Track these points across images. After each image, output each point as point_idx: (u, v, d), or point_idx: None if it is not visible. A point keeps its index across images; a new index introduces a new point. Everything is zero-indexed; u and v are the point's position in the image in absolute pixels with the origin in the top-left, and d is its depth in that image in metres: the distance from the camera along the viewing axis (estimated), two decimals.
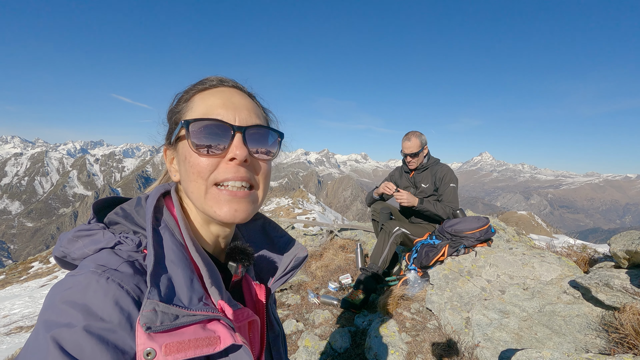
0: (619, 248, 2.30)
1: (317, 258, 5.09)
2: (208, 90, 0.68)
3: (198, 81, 0.70)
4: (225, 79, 0.71)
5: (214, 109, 0.64)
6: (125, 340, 0.49)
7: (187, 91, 0.70)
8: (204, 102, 0.66)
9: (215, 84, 0.69)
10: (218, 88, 0.68)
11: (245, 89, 0.73)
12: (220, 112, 0.64)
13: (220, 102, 0.65)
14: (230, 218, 0.63)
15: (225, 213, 0.62)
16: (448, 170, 3.47)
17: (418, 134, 3.48)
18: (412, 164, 3.57)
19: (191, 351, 0.52)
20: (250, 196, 0.65)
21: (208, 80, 0.69)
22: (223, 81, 0.70)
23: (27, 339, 0.49)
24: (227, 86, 0.69)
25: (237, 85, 0.71)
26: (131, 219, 0.65)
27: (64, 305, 0.48)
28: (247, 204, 0.65)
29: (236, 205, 0.63)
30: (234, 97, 0.67)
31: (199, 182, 0.62)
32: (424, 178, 3.57)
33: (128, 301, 0.51)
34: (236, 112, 0.65)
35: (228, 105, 0.65)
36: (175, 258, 0.59)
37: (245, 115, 0.66)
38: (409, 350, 2.34)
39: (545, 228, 25.55)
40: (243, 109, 0.66)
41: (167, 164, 0.73)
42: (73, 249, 0.60)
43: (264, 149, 0.68)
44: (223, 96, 0.66)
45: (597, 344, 1.94)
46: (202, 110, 0.65)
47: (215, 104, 0.65)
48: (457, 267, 2.90)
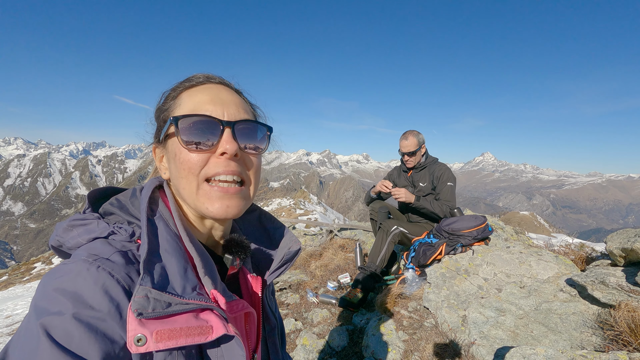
0: (615, 246, 2.30)
1: (317, 257, 5.10)
2: (195, 87, 0.68)
3: (185, 79, 0.71)
4: (212, 76, 0.71)
5: (202, 105, 0.64)
6: (114, 329, 0.49)
7: (174, 89, 0.70)
8: (192, 98, 0.66)
9: (202, 80, 0.69)
10: (205, 85, 0.69)
11: (233, 85, 0.73)
12: (209, 108, 0.64)
13: (208, 98, 0.66)
14: (222, 214, 0.63)
15: (217, 209, 0.63)
16: (446, 169, 3.48)
17: (415, 132, 3.49)
18: (409, 163, 3.59)
19: (182, 339, 0.52)
20: (242, 192, 0.66)
21: (195, 78, 0.70)
22: (210, 78, 0.70)
23: (19, 325, 0.50)
24: (214, 83, 0.70)
25: (224, 81, 0.72)
26: (126, 209, 0.66)
27: (55, 292, 0.49)
28: (239, 199, 0.65)
29: (228, 201, 0.63)
30: (221, 93, 0.68)
31: (190, 178, 0.63)
32: (421, 177, 3.58)
33: (118, 290, 0.52)
34: (224, 108, 0.65)
35: (216, 101, 0.65)
36: (170, 247, 0.59)
37: (233, 110, 0.66)
38: (406, 348, 2.35)
39: (548, 228, 25.48)
40: (231, 104, 0.67)
41: (157, 162, 0.73)
42: (68, 238, 0.60)
43: (253, 143, 0.68)
44: (211, 92, 0.67)
45: (593, 342, 1.94)
46: (190, 106, 0.65)
47: (203, 100, 0.65)
48: (454, 265, 2.91)
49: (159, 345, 0.50)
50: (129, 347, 0.49)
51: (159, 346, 0.50)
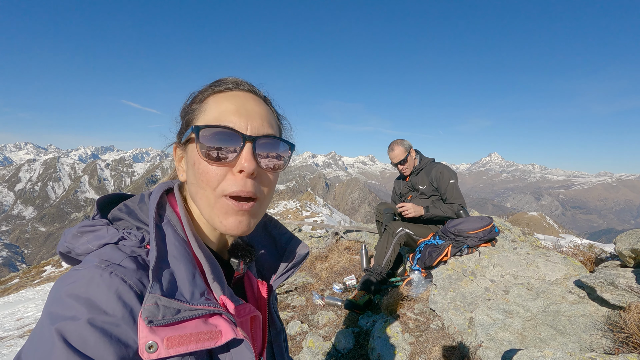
0: (624, 247, 2.27)
1: (323, 260, 5.10)
2: (223, 93, 0.67)
3: (214, 82, 0.69)
4: (242, 82, 0.69)
5: (226, 115, 0.63)
6: (128, 334, 0.49)
7: (202, 91, 0.69)
8: (218, 106, 0.64)
9: (231, 87, 0.67)
10: (233, 92, 0.67)
11: (261, 94, 0.71)
12: (233, 120, 0.62)
13: (234, 107, 0.64)
14: (234, 230, 0.63)
15: (230, 224, 0.63)
16: (443, 168, 3.46)
17: (399, 141, 3.53)
18: (405, 171, 3.60)
19: (192, 345, 0.53)
20: (254, 208, 0.65)
21: (224, 82, 0.68)
22: (239, 84, 0.68)
23: (31, 332, 0.50)
24: (242, 90, 0.68)
25: (253, 89, 0.70)
26: (134, 215, 0.66)
27: (69, 298, 0.49)
28: (250, 217, 0.65)
29: (241, 217, 0.63)
30: (248, 104, 0.65)
31: (208, 191, 0.62)
32: (420, 180, 3.57)
33: (131, 295, 0.52)
34: (249, 120, 0.63)
35: (242, 112, 0.63)
36: (178, 253, 0.59)
37: (257, 124, 0.64)
38: (412, 350, 2.34)
39: (557, 229, 25.10)
40: (256, 116, 0.65)
41: (176, 162, 0.72)
42: (77, 245, 0.60)
43: (274, 159, 0.66)
44: (237, 101, 0.65)
45: (603, 344, 1.91)
46: (215, 115, 0.63)
47: (228, 110, 0.63)
48: (460, 267, 2.89)
49: (170, 351, 0.51)
50: (140, 354, 0.49)
51: (170, 352, 0.51)
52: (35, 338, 0.47)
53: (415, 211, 3.34)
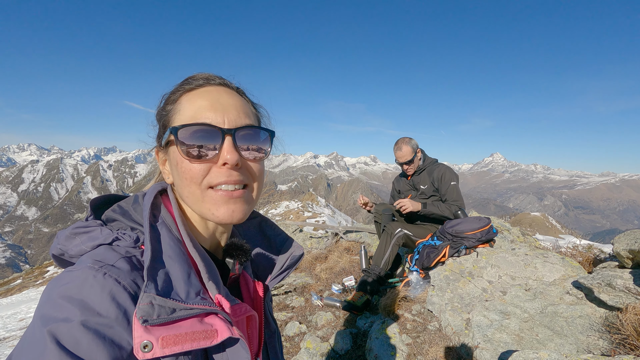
0: (622, 247, 2.26)
1: (322, 260, 5.10)
2: (195, 90, 0.66)
3: (184, 80, 0.68)
4: (212, 77, 0.68)
5: (202, 112, 0.62)
6: (122, 336, 0.49)
7: (173, 92, 0.68)
8: (191, 104, 0.64)
9: (202, 83, 0.67)
10: (205, 87, 0.66)
11: (233, 85, 0.71)
12: (209, 115, 0.62)
13: (208, 103, 0.63)
14: (228, 219, 0.63)
15: (222, 214, 0.63)
16: (446, 169, 3.46)
17: (407, 140, 3.50)
18: (409, 171, 3.61)
19: (188, 344, 0.53)
20: (245, 195, 0.65)
21: (194, 80, 0.67)
22: (210, 79, 0.68)
23: (23, 334, 0.49)
24: (214, 84, 0.67)
25: (224, 82, 0.69)
26: (129, 215, 0.65)
27: (61, 300, 0.48)
28: (243, 203, 0.65)
29: (233, 205, 0.63)
30: (221, 97, 0.65)
31: (193, 187, 0.62)
32: (422, 180, 3.57)
33: (125, 296, 0.51)
34: (225, 114, 0.63)
35: (216, 107, 0.63)
36: (173, 253, 0.59)
37: (234, 116, 0.64)
38: (409, 351, 2.34)
39: (560, 229, 24.98)
40: (232, 109, 0.64)
41: (160, 166, 0.72)
42: (71, 246, 0.60)
43: (255, 149, 0.67)
44: (210, 97, 0.64)
45: (600, 346, 1.91)
46: (190, 113, 0.63)
47: (202, 106, 0.63)
48: (458, 268, 2.89)
49: (165, 350, 0.50)
50: (135, 353, 0.48)
51: (165, 352, 0.50)
52: (27, 340, 0.47)
53: (413, 206, 3.34)
